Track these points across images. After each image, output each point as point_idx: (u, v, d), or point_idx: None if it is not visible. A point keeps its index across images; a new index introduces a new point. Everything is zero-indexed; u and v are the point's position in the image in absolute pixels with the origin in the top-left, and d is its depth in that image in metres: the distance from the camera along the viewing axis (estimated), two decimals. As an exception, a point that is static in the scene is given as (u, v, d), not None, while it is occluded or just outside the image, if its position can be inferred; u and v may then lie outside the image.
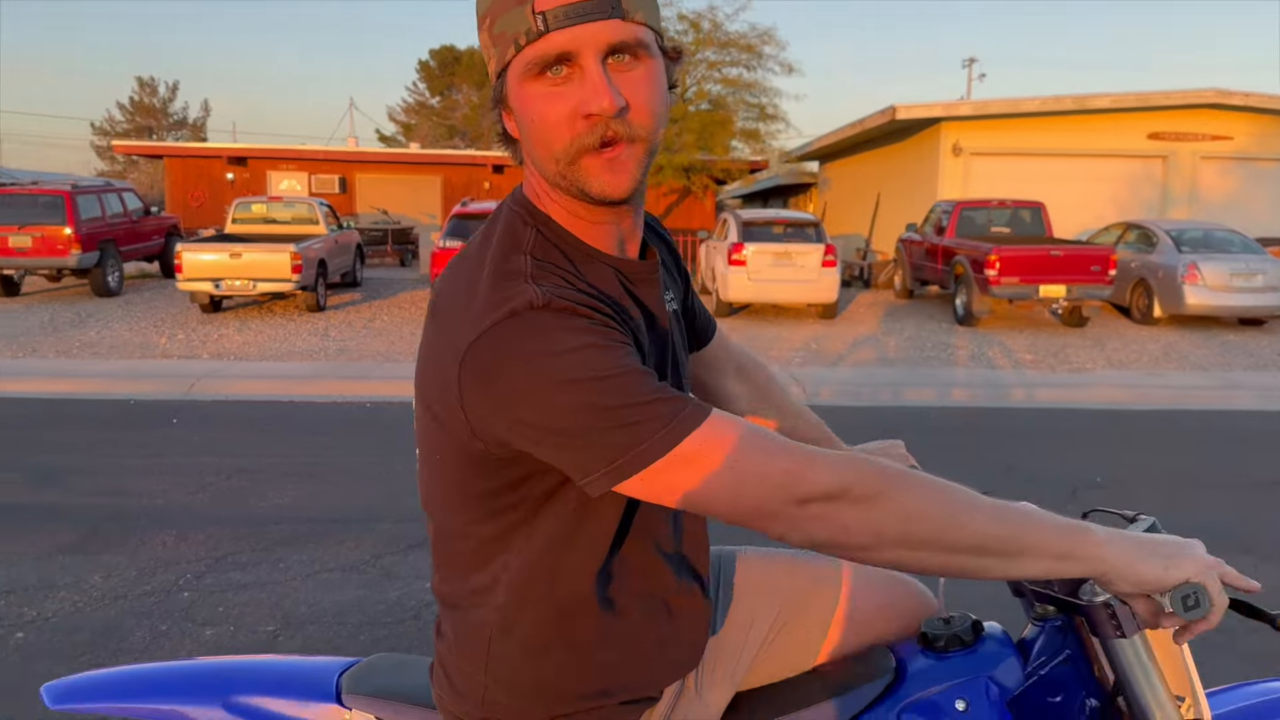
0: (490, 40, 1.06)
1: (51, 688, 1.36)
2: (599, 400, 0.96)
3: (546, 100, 1.03)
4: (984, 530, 1.00)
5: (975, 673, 1.27)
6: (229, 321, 12.61)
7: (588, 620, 1.15)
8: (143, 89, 61.01)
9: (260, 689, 1.33)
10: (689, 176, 20.61)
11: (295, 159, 22.89)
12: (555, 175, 1.07)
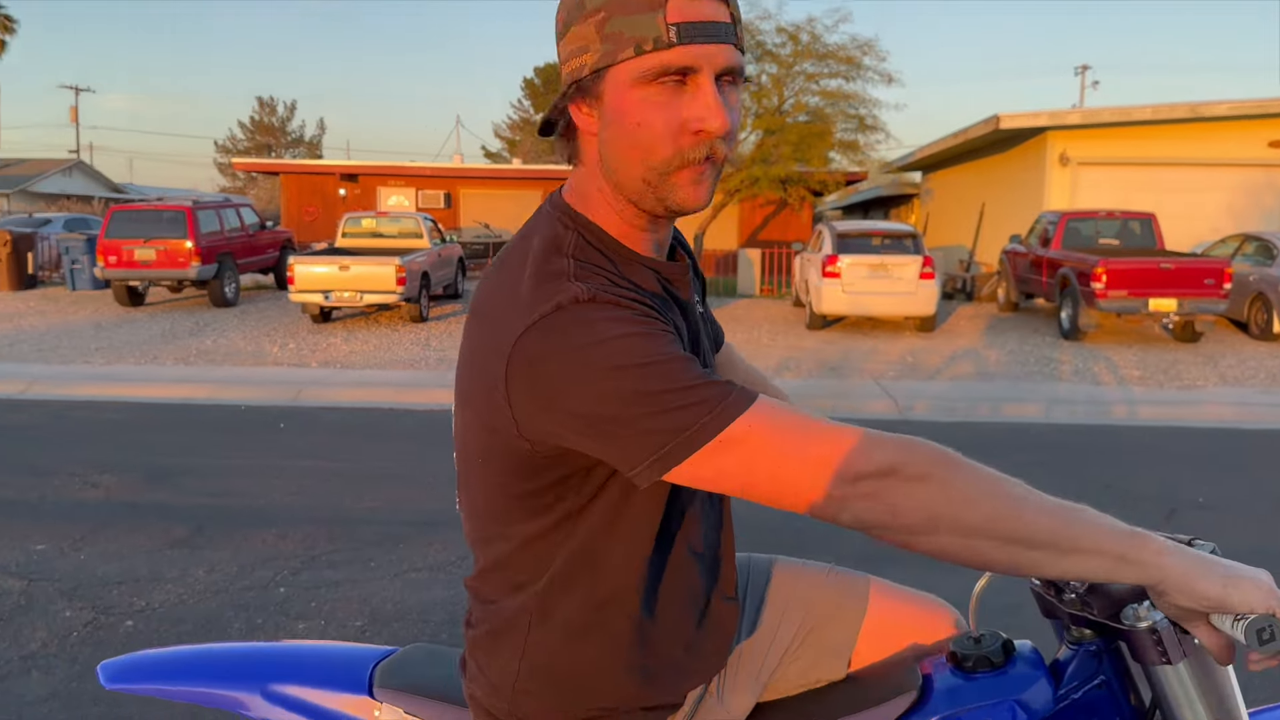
0: (596, 35, 1.05)
1: (107, 666, 1.46)
2: (645, 386, 0.97)
3: (655, 108, 1.05)
4: (1039, 522, 0.97)
5: (1003, 695, 1.24)
6: (337, 331, 13.11)
7: (626, 613, 1.17)
8: (263, 108, 63.73)
9: (297, 677, 1.40)
10: (786, 188, 20.50)
11: (403, 175, 23.66)
12: (640, 182, 1.09)
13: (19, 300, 16.08)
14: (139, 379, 9.75)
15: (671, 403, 0.97)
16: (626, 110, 1.06)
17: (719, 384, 1.00)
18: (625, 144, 1.08)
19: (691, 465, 0.98)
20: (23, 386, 9.29)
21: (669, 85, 1.05)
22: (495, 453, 1.10)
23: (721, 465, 0.99)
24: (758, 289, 18.87)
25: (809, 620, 1.43)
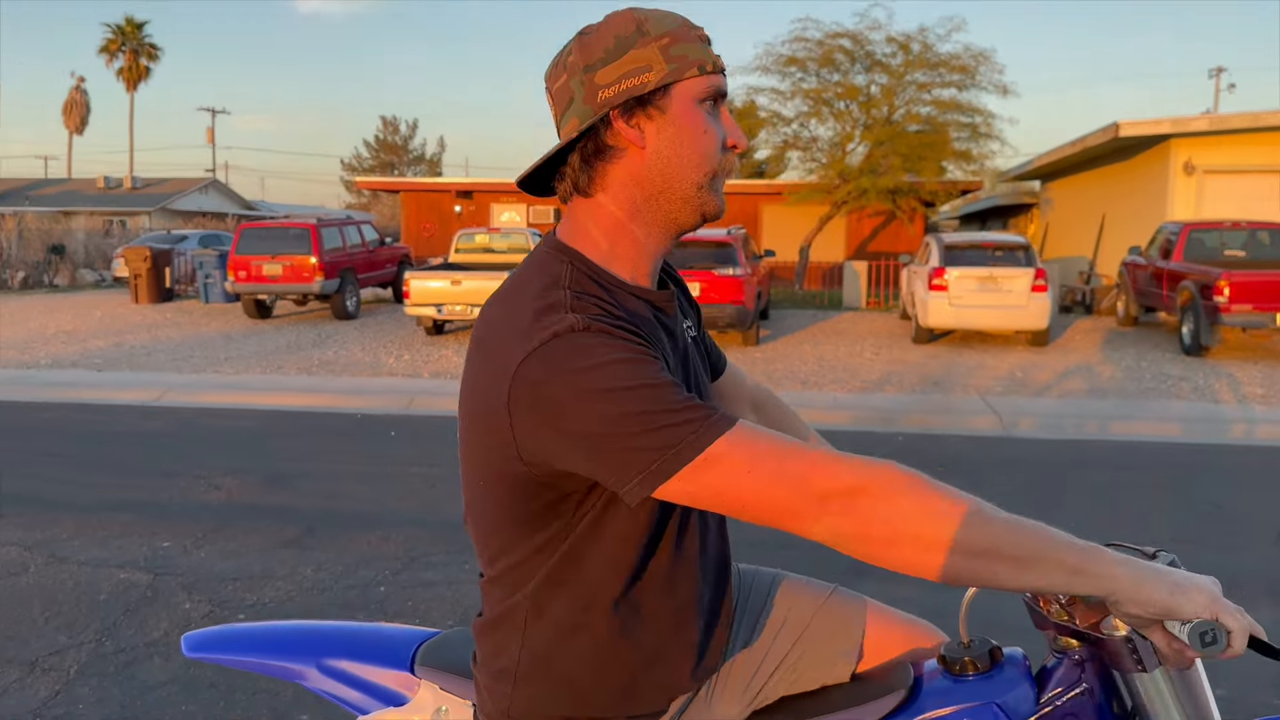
0: (661, 56, 1.20)
1: (189, 637, 1.65)
2: (634, 407, 1.07)
3: (709, 124, 1.23)
4: (999, 536, 1.04)
5: (986, 698, 1.31)
6: (449, 343, 13.58)
7: (610, 616, 1.26)
8: (386, 127, 66.19)
9: (349, 654, 1.56)
10: (895, 200, 20.24)
11: (516, 192, 24.27)
12: (694, 188, 1.23)
13: (157, 312, 17.17)
14: (264, 388, 10.33)
15: (658, 423, 1.07)
16: (694, 120, 1.22)
17: (702, 407, 1.10)
18: (690, 149, 1.23)
19: (678, 481, 1.08)
20: (158, 394, 9.95)
21: (708, 106, 1.23)
22: (496, 475, 1.20)
23: (705, 481, 1.07)
24: (864, 302, 18.66)
25: (806, 636, 1.50)
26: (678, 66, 1.20)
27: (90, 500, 5.86)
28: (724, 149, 1.26)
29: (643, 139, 1.22)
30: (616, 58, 1.20)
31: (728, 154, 1.26)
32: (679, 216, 1.27)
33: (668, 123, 1.22)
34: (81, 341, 13.67)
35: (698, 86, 1.22)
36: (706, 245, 13.29)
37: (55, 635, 3.89)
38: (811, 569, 1.76)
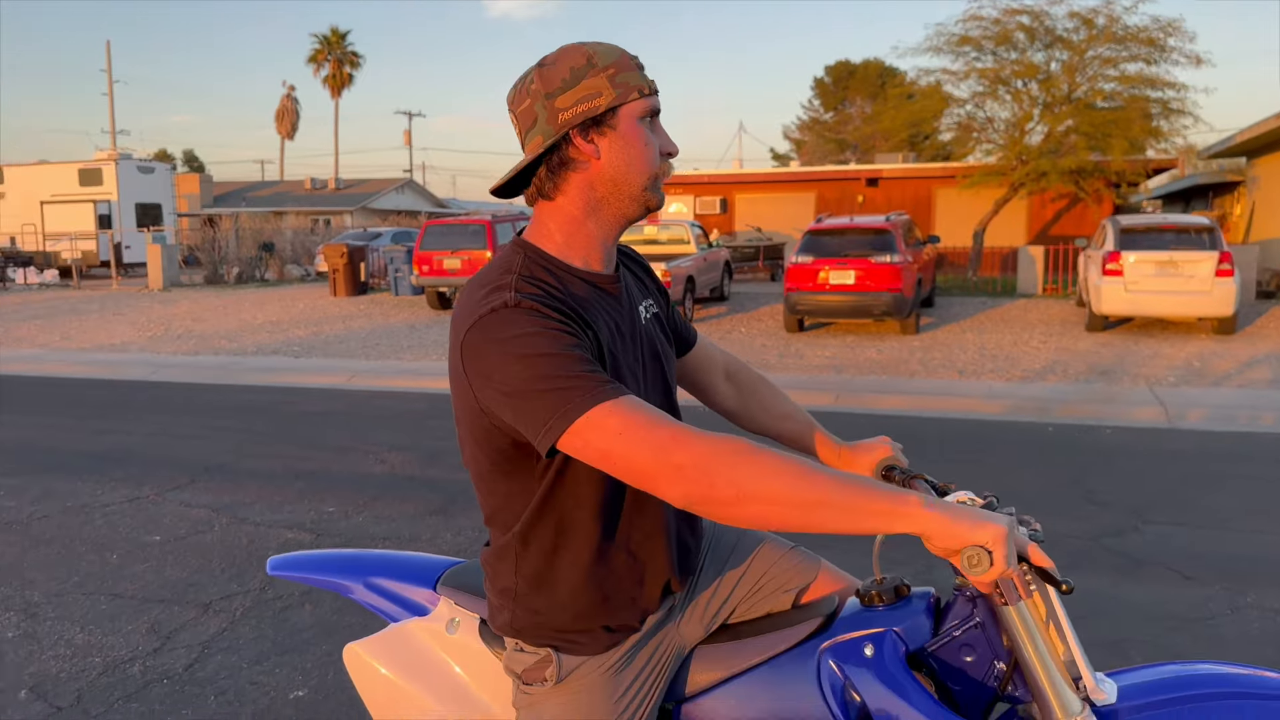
0: (609, 84, 1.45)
1: (273, 560, 2.03)
2: (542, 370, 1.30)
3: (648, 137, 1.50)
4: (825, 489, 1.24)
5: (887, 625, 1.51)
6: (608, 332, 14.10)
7: (587, 544, 1.51)
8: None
9: (387, 574, 1.90)
10: (1078, 181, 19.28)
11: (682, 184, 24.72)
12: (640, 189, 1.50)
13: (352, 304, 18.59)
14: (438, 374, 11.11)
15: (557, 385, 1.30)
16: (637, 135, 1.49)
17: (595, 378, 1.32)
18: (635, 158, 1.49)
19: (569, 437, 1.30)
20: (346, 378, 10.90)
21: (648, 122, 1.51)
22: (472, 429, 1.47)
23: (588, 440, 1.29)
24: (1039, 288, 17.91)
25: (765, 578, 1.75)
26: (622, 91, 1.47)
27: (273, 470, 6.60)
28: (661, 156, 1.53)
29: (597, 152, 1.48)
30: (573, 86, 1.46)
31: (665, 160, 1.54)
32: (627, 211, 1.53)
33: (617, 138, 1.48)
34: (284, 331, 15.03)
35: (639, 107, 1.49)
36: (864, 232, 13.19)
37: (228, 583, 4.51)
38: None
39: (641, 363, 1.59)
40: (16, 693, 3.47)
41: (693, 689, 1.63)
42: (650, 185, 1.51)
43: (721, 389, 1.92)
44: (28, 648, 3.85)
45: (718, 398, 1.92)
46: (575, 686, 1.54)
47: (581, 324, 1.43)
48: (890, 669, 1.47)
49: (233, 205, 39.61)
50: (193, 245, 30.03)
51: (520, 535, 1.53)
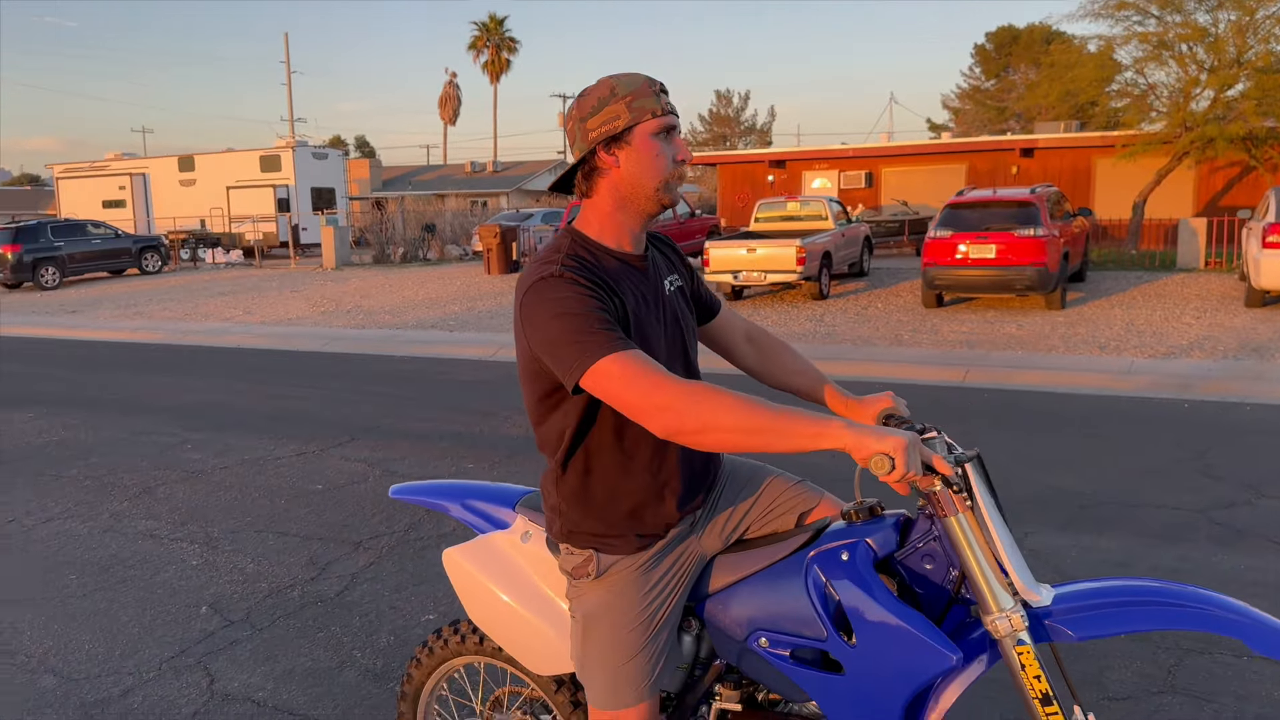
0: (626, 109, 1.81)
1: (395, 488, 2.50)
2: (572, 326, 1.68)
3: (661, 149, 1.86)
4: (767, 419, 1.58)
5: (859, 536, 1.81)
6: (742, 308, 14.35)
7: (615, 466, 1.89)
8: (719, 100, 68.10)
9: (479, 497, 2.34)
10: (1250, 149, 18.12)
11: (827, 158, 24.53)
12: (654, 190, 1.85)
13: (503, 282, 19.50)
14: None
15: (582, 338, 1.69)
16: (650, 149, 1.85)
17: (613, 335, 1.70)
18: (648, 167, 1.85)
19: (587, 379, 1.68)
20: (493, 350, 11.62)
21: (661, 136, 1.86)
22: (525, 369, 1.88)
23: (600, 384, 1.68)
24: (1201, 262, 17.00)
25: (775, 505, 2.09)
26: (637, 114, 1.83)
27: (423, 431, 7.27)
28: (674, 163, 1.87)
29: (618, 163, 1.86)
30: (598, 112, 1.84)
31: (678, 166, 1.87)
32: (646, 208, 1.89)
33: (630, 151, 1.84)
34: (442, 306, 15.99)
35: (652, 126, 1.83)
36: (1007, 205, 12.94)
37: (377, 526, 5.12)
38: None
39: (664, 325, 1.95)
40: (199, 609, 4.14)
41: (711, 589, 1.98)
42: (662, 187, 1.86)
43: (742, 350, 2.25)
44: (208, 574, 4.54)
45: (739, 358, 2.25)
46: (611, 580, 1.92)
47: (609, 292, 1.81)
48: (860, 571, 1.78)
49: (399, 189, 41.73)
50: (363, 227, 31.94)
51: (561, 461, 1.93)
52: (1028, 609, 1.73)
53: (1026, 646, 1.68)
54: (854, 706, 1.77)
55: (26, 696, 3.40)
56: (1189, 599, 1.67)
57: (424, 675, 2.47)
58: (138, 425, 7.86)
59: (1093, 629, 1.68)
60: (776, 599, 1.87)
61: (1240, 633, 1.61)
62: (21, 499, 5.83)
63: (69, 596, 4.30)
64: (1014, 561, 1.70)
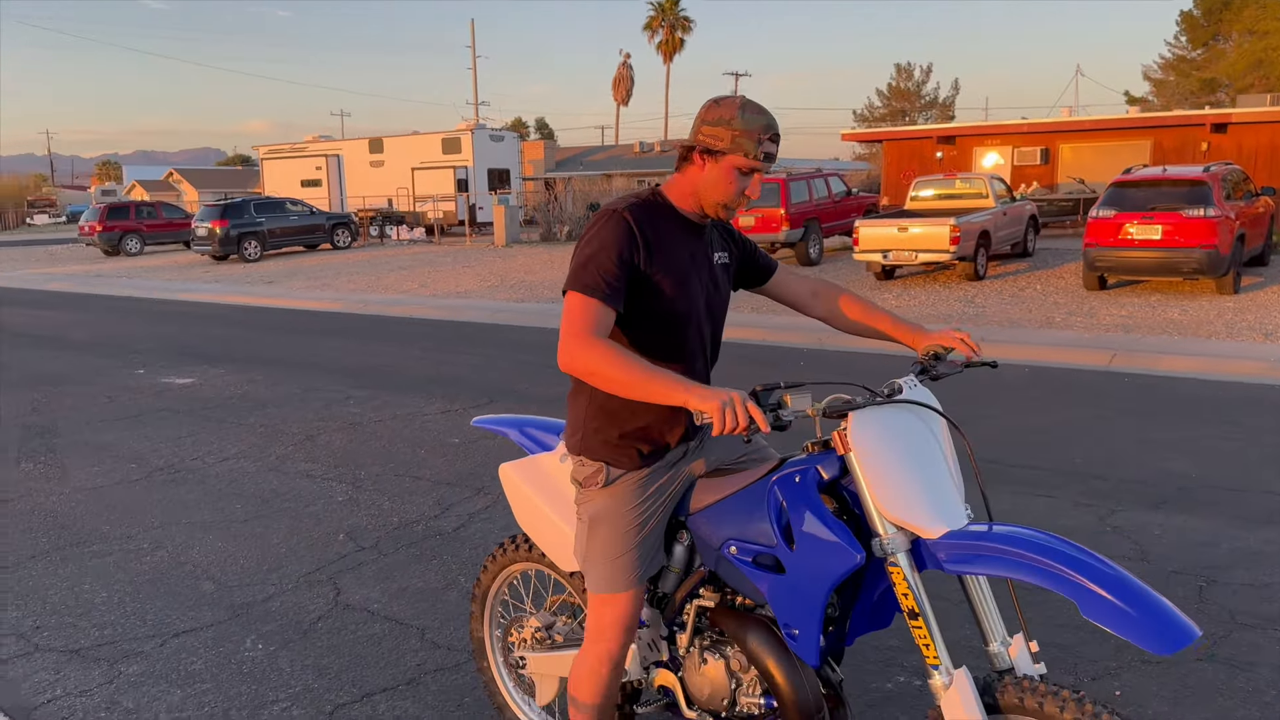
0: (730, 138, 2.11)
1: (477, 419, 2.94)
2: (588, 256, 2.09)
3: (737, 180, 2.16)
4: (635, 376, 1.96)
5: (810, 464, 2.08)
6: (892, 288, 14.25)
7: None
8: (900, 74, 66.19)
9: (535, 427, 2.76)
10: None
11: (999, 134, 23.61)
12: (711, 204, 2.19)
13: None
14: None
15: (583, 267, 2.08)
16: (728, 176, 2.18)
17: (599, 279, 2.06)
18: (718, 186, 2.18)
19: (565, 297, 2.09)
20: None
21: (741, 172, 2.17)
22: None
23: (568, 307, 2.07)
24: None
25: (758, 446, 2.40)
26: (733, 148, 2.15)
27: (555, 395, 7.79)
28: (740, 194, 2.19)
29: (703, 167, 2.20)
30: (714, 126, 2.17)
31: (741, 198, 2.20)
32: (704, 207, 2.23)
33: (715, 167, 2.17)
34: (596, 283, 16.63)
35: (739, 162, 2.15)
36: (1176, 184, 12.30)
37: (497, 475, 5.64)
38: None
39: (702, 283, 2.29)
40: (337, 536, 4.76)
41: (699, 507, 2.31)
42: (722, 205, 2.20)
43: (809, 304, 2.58)
44: (350, 508, 5.17)
45: (810, 310, 2.58)
46: (615, 490, 2.29)
47: (650, 247, 2.16)
48: (805, 491, 2.06)
49: (570, 169, 42.98)
50: (532, 206, 33.18)
51: (578, 384, 2.32)
52: (919, 540, 1.96)
53: (897, 568, 1.95)
54: (789, 601, 2.07)
55: (189, 597, 4.07)
56: (1054, 556, 1.82)
57: (489, 579, 2.90)
58: (310, 382, 8.76)
59: (960, 566, 1.90)
60: (745, 514, 2.18)
61: (1073, 593, 1.77)
62: (206, 441, 6.71)
63: (232, 521, 5.01)
64: (911, 500, 1.93)
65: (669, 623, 2.48)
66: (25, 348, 11.62)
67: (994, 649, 1.98)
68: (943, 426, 2.10)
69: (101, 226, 28.79)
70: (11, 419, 7.56)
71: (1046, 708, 1.82)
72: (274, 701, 3.19)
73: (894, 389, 2.10)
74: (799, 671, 2.16)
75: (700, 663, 2.37)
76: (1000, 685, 1.90)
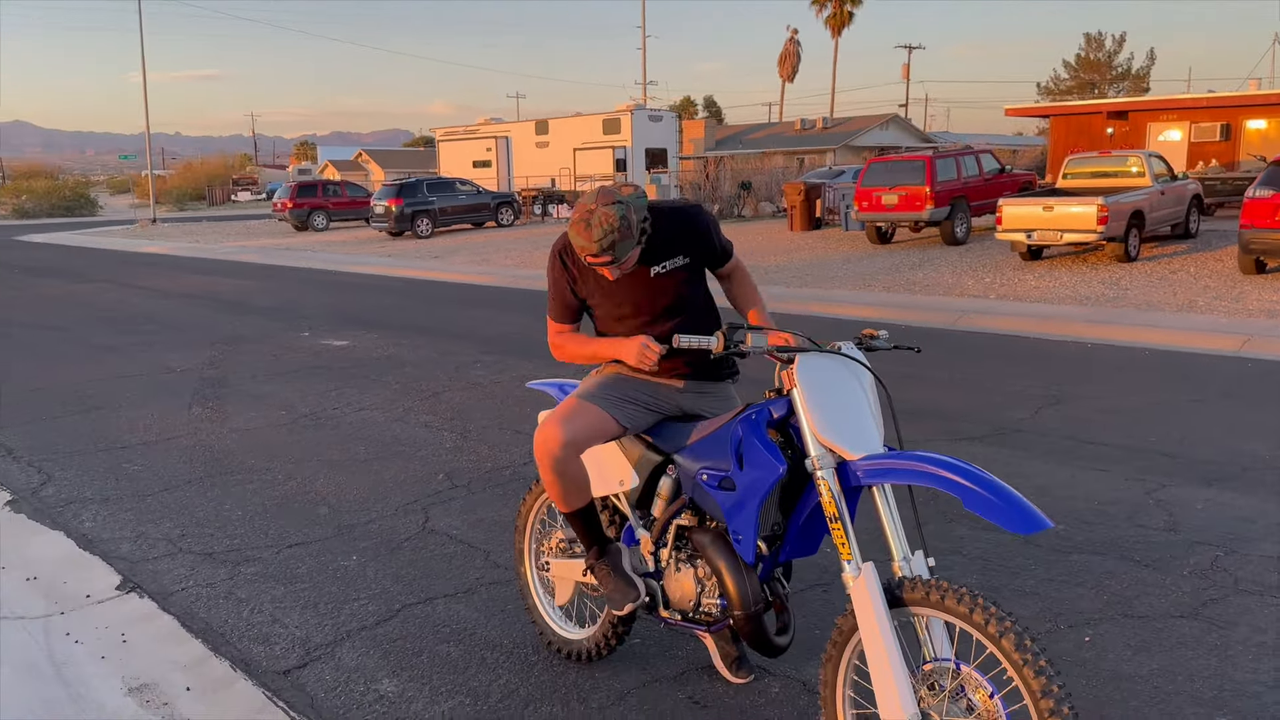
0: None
1: (530, 383, 3.49)
2: (548, 287, 2.73)
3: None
4: (588, 348, 2.78)
5: (765, 405, 2.51)
6: (1036, 269, 13.94)
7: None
8: (1089, 44, 62.63)
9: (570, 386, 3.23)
10: None
11: (1176, 109, 22.28)
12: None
13: (802, 238, 20.06)
14: (844, 301, 12.16)
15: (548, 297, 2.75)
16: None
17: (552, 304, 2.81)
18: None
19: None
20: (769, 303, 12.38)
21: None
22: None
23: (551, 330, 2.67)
24: None
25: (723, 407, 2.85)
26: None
27: (663, 366, 8.26)
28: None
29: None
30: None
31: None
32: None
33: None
34: (737, 260, 16.94)
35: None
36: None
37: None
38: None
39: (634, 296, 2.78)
40: (438, 475, 5.41)
41: (686, 444, 2.75)
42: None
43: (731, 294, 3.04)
44: (454, 453, 5.83)
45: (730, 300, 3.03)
46: (607, 372, 2.85)
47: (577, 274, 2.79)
48: (757, 425, 2.49)
49: (731, 147, 43.16)
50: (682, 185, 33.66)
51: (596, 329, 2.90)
52: (843, 462, 2.34)
53: (825, 481, 2.36)
54: (735, 511, 2.55)
55: (307, 518, 4.80)
56: (944, 467, 2.19)
57: (527, 510, 3.42)
58: (448, 348, 9.59)
59: (873, 479, 2.30)
60: (716, 448, 2.63)
61: (959, 491, 2.16)
62: (346, 394, 7.57)
63: (355, 460, 5.76)
64: (839, 428, 2.32)
65: (655, 541, 2.93)
66: (215, 311, 13.08)
67: (897, 561, 2.33)
68: (871, 382, 2.48)
69: (291, 204, 31.24)
70: (193, 371, 8.70)
71: (946, 601, 2.16)
72: (355, 600, 3.84)
73: (835, 347, 2.50)
74: (743, 573, 2.61)
75: (676, 571, 2.85)
76: (905, 583, 2.26)
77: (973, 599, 2.12)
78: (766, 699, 3.01)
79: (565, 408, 2.78)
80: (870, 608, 2.25)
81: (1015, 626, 2.05)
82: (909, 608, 2.26)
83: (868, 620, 2.25)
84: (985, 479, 2.17)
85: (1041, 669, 2.00)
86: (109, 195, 79.89)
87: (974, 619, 2.09)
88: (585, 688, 3.12)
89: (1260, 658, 3.14)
